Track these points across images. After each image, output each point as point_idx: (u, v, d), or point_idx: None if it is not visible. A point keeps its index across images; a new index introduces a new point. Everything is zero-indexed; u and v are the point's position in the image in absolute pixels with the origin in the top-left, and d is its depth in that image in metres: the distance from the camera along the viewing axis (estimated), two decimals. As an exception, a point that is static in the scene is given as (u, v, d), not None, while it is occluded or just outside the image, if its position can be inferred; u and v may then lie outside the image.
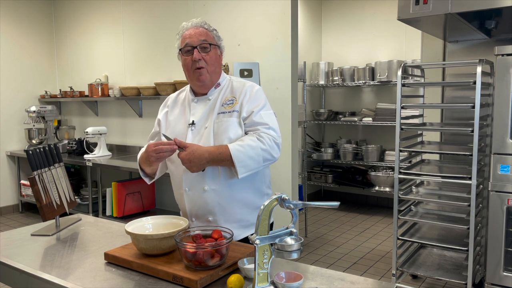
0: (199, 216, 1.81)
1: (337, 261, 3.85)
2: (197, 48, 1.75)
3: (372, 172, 5.35)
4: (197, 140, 1.78)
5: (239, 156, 1.66)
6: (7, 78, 5.37)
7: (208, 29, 1.81)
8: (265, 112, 1.78)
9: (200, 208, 1.79)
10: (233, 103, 1.79)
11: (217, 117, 1.78)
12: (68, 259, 1.62)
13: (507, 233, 2.61)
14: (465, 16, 2.59)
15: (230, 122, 1.75)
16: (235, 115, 1.77)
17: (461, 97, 3.42)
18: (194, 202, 1.80)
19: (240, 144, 1.68)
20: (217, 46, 1.82)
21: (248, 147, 1.68)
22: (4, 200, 5.44)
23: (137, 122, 5.04)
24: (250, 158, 1.68)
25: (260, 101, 1.80)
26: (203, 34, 1.77)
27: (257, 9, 3.82)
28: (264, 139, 1.71)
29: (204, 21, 1.83)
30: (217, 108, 1.80)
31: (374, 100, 5.62)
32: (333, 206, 1.33)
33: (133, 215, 4.33)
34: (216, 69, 1.82)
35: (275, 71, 3.74)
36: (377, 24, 5.55)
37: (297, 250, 1.28)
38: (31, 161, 1.92)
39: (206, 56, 1.76)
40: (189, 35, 1.77)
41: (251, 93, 1.79)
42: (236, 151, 1.65)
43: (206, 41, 1.76)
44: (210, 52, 1.77)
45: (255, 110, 1.76)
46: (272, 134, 1.75)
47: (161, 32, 4.62)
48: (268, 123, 1.76)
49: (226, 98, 1.82)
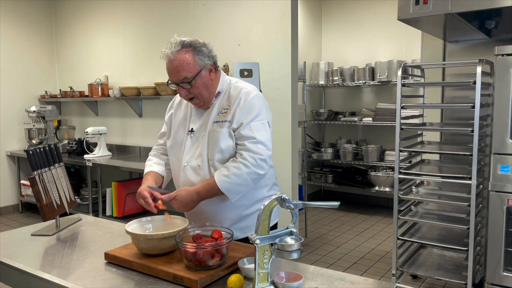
0: (197, 221, 1.84)
1: (337, 261, 3.85)
2: (180, 85, 1.71)
3: (372, 172, 5.35)
4: (194, 148, 1.80)
5: (227, 186, 1.68)
6: (7, 78, 5.37)
7: (188, 52, 1.67)
8: (256, 123, 1.72)
9: (197, 215, 1.82)
10: (226, 112, 1.76)
11: (212, 126, 1.77)
12: (68, 259, 1.62)
13: (507, 233, 2.61)
14: (465, 16, 2.59)
15: (221, 133, 1.74)
16: (226, 125, 1.74)
17: (461, 97, 3.42)
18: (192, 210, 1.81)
19: (225, 175, 1.68)
20: (201, 70, 1.70)
21: (234, 176, 1.68)
22: (4, 200, 5.44)
23: (137, 122, 5.04)
24: (238, 185, 1.69)
25: (253, 110, 1.73)
26: (181, 67, 1.66)
27: (257, 9, 3.82)
28: (247, 161, 1.68)
29: (181, 42, 1.68)
30: (213, 116, 1.78)
31: (374, 100, 5.62)
32: (333, 206, 1.33)
33: (133, 215, 4.33)
34: (207, 91, 1.75)
35: (275, 71, 3.74)
36: (377, 24, 5.55)
37: (297, 250, 1.28)
38: (31, 161, 1.92)
39: (191, 89, 1.71)
40: (168, 71, 1.71)
41: (244, 102, 1.74)
42: (223, 183, 1.68)
43: (186, 78, 1.67)
44: (195, 82, 1.69)
45: (244, 121, 1.71)
46: (257, 150, 1.69)
47: (161, 32, 4.61)
48: (255, 136, 1.70)
49: (222, 106, 1.79)
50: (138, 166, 4.23)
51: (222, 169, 1.71)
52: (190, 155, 1.81)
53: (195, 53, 1.69)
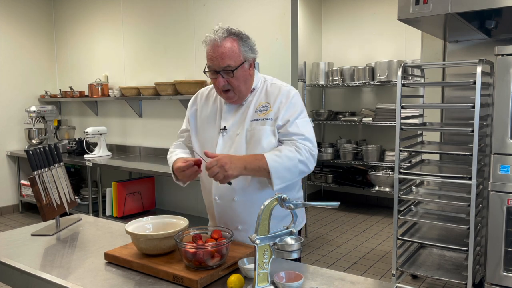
0: (228, 224, 1.73)
1: (337, 261, 3.85)
2: (221, 73, 1.62)
3: (372, 172, 5.35)
4: (228, 147, 1.70)
5: (276, 167, 1.56)
6: (7, 78, 5.37)
7: (235, 41, 1.63)
8: (301, 120, 1.68)
9: (229, 217, 1.73)
10: (267, 110, 1.69)
11: (250, 124, 1.69)
12: (68, 259, 1.62)
13: (507, 233, 2.61)
14: (465, 16, 2.59)
15: (263, 131, 1.66)
16: (268, 123, 1.67)
17: (461, 97, 3.42)
18: (224, 211, 1.74)
19: (277, 155, 1.58)
20: (244, 62, 1.65)
21: (286, 158, 1.58)
22: (4, 200, 5.44)
23: (137, 122, 5.04)
24: (287, 169, 1.59)
25: (297, 108, 1.69)
26: (227, 55, 1.60)
27: (257, 9, 3.82)
28: (301, 150, 1.62)
29: (230, 30, 1.63)
30: (250, 114, 1.70)
31: (374, 100, 5.62)
32: (333, 206, 1.33)
33: (133, 215, 4.33)
34: (245, 85, 1.69)
35: (275, 71, 3.74)
36: (377, 24, 5.55)
37: (297, 250, 1.28)
38: (31, 161, 1.92)
39: (231, 80, 1.63)
40: (211, 56, 1.61)
41: (287, 99, 1.68)
42: (273, 162, 1.56)
43: (229, 67, 1.60)
44: (237, 73, 1.62)
45: (291, 119, 1.66)
46: (308, 145, 1.65)
47: (161, 32, 4.61)
48: (304, 133, 1.66)
49: (260, 103, 1.72)
50: (138, 166, 4.23)
51: (274, 150, 1.62)
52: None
53: (241, 43, 1.65)
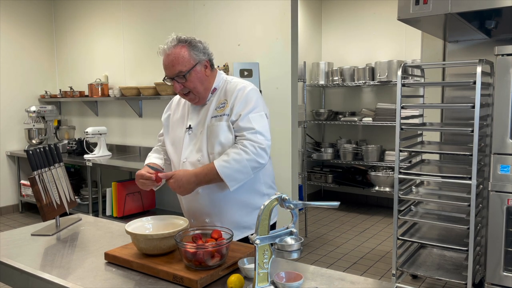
0: (197, 217, 1.85)
1: (337, 261, 3.85)
2: (175, 79, 1.74)
3: (372, 172, 5.35)
4: (193, 144, 1.82)
5: (226, 172, 1.67)
6: (7, 78, 5.37)
7: (184, 47, 1.73)
8: (254, 114, 1.75)
9: (196, 210, 1.83)
10: (224, 107, 1.79)
11: (210, 121, 1.80)
12: (69, 259, 1.62)
13: (507, 233, 2.61)
14: (465, 16, 2.59)
15: (220, 127, 1.76)
16: (225, 119, 1.77)
17: (461, 97, 3.42)
18: (191, 204, 1.84)
19: (225, 160, 1.68)
20: (196, 65, 1.74)
21: (234, 161, 1.68)
22: (4, 200, 5.44)
23: (137, 122, 5.04)
24: (238, 171, 1.68)
25: (250, 102, 1.76)
26: (176, 61, 1.71)
27: (257, 9, 3.82)
28: (247, 148, 1.69)
29: (177, 38, 1.75)
30: (211, 112, 1.81)
31: (374, 100, 5.62)
32: (333, 206, 1.33)
33: (133, 215, 4.33)
34: (203, 85, 1.79)
35: (275, 71, 3.74)
36: (377, 24, 5.55)
37: (297, 250, 1.28)
38: (31, 161, 1.92)
39: (186, 83, 1.74)
40: (164, 65, 1.75)
41: (241, 95, 1.77)
42: (222, 168, 1.67)
43: (181, 72, 1.72)
44: (190, 76, 1.73)
45: (243, 113, 1.74)
46: (257, 140, 1.71)
47: (161, 32, 4.61)
48: (254, 127, 1.72)
49: (219, 101, 1.82)
50: (138, 166, 4.23)
51: (223, 155, 1.72)
52: (188, 151, 1.82)
53: (190, 48, 1.74)
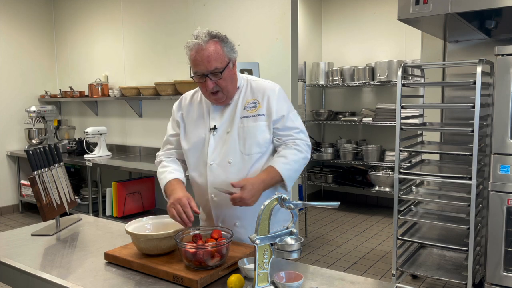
0: (226, 221, 1.76)
1: (337, 261, 3.85)
2: (209, 77, 1.63)
3: (372, 172, 5.35)
4: (220, 145, 1.73)
5: (289, 174, 1.67)
6: (7, 78, 5.37)
7: (217, 43, 1.64)
8: (292, 114, 1.77)
9: (227, 214, 1.75)
10: (256, 107, 1.73)
11: (241, 121, 1.72)
12: (69, 259, 1.62)
13: (507, 233, 2.61)
14: (465, 16, 2.59)
15: (257, 127, 1.71)
16: (261, 119, 1.72)
17: (461, 97, 3.42)
18: (221, 209, 1.75)
19: (285, 162, 1.67)
20: (229, 62, 1.66)
21: (293, 162, 1.68)
22: (4, 200, 5.44)
23: (137, 122, 5.04)
24: (296, 171, 1.71)
25: (286, 102, 1.77)
26: (212, 58, 1.60)
27: (257, 9, 3.82)
28: (300, 147, 1.72)
29: (211, 33, 1.64)
30: (239, 112, 1.74)
31: (374, 100, 5.62)
32: (333, 206, 1.33)
33: (133, 215, 4.32)
34: (232, 85, 1.72)
35: (275, 71, 3.74)
36: (377, 24, 5.55)
37: (297, 250, 1.28)
38: (31, 161, 1.92)
39: (219, 81, 1.65)
40: (197, 61, 1.61)
41: (274, 95, 1.74)
42: (286, 171, 1.66)
43: (217, 69, 1.62)
44: (224, 74, 1.64)
45: (285, 113, 1.73)
46: (303, 138, 1.75)
47: (161, 32, 4.61)
48: (298, 126, 1.76)
49: (247, 101, 1.75)
50: (138, 166, 4.23)
51: (279, 157, 1.69)
52: (216, 153, 1.73)
53: (223, 45, 1.66)
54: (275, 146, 1.77)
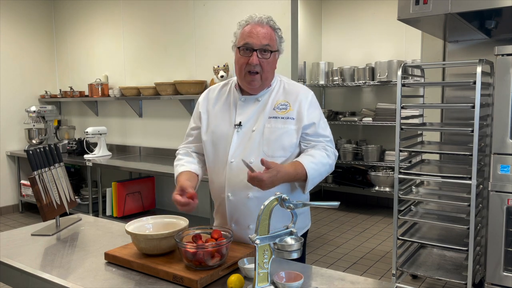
0: (240, 223, 1.70)
1: (337, 261, 3.85)
2: (257, 52, 1.63)
3: (372, 172, 5.35)
4: (244, 143, 1.67)
5: (313, 174, 1.61)
6: (7, 78, 5.37)
7: (274, 28, 1.68)
8: (323, 121, 1.73)
9: (242, 215, 1.69)
10: (287, 109, 1.68)
11: (268, 121, 1.67)
12: (69, 259, 1.62)
13: (507, 233, 2.61)
14: (465, 16, 2.59)
15: (285, 130, 1.66)
16: (291, 122, 1.66)
17: (461, 97, 3.42)
18: (236, 209, 1.69)
19: (314, 162, 1.61)
20: (277, 51, 1.69)
21: (321, 165, 1.63)
22: (4, 200, 5.44)
23: (137, 122, 5.04)
24: (320, 175, 1.65)
25: (318, 109, 1.74)
26: (268, 36, 1.64)
27: (257, 9, 3.82)
28: (330, 153, 1.68)
29: (271, 17, 1.70)
30: (267, 111, 1.69)
31: (374, 100, 5.62)
32: (333, 206, 1.33)
33: (133, 215, 4.33)
34: (270, 74, 1.71)
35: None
36: (377, 24, 5.55)
37: (297, 250, 1.28)
38: (31, 161, 1.92)
39: (264, 62, 1.64)
40: (252, 33, 1.63)
41: (307, 100, 1.70)
42: (312, 170, 1.59)
43: (269, 46, 1.63)
44: (271, 57, 1.65)
45: (316, 120, 1.69)
46: (332, 147, 1.72)
47: (161, 32, 4.61)
48: (329, 135, 1.73)
49: (278, 101, 1.71)
50: (138, 166, 4.23)
51: (307, 156, 1.63)
52: (239, 150, 1.66)
53: (277, 35, 1.70)
54: (302, 150, 1.70)
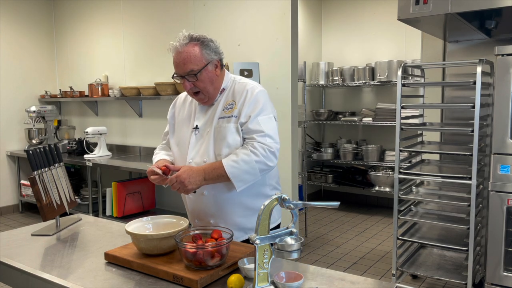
0: (201, 218, 1.84)
1: (337, 261, 3.85)
2: (186, 78, 1.70)
3: (372, 172, 5.35)
4: (199, 145, 1.79)
5: (234, 172, 1.66)
6: (7, 78, 5.37)
7: (196, 45, 1.69)
8: (263, 117, 1.74)
9: (201, 211, 1.82)
10: (232, 108, 1.76)
11: (218, 122, 1.77)
12: (69, 259, 1.62)
13: (507, 233, 2.61)
14: (465, 16, 2.59)
15: (228, 128, 1.74)
16: (233, 121, 1.74)
17: (461, 97, 3.42)
18: (196, 205, 1.83)
19: (234, 160, 1.67)
20: (208, 64, 1.71)
21: (242, 162, 1.66)
22: (4, 200, 5.44)
23: (137, 122, 5.04)
24: (246, 172, 1.67)
25: (259, 104, 1.74)
26: (188, 60, 1.67)
27: (257, 9, 3.82)
28: (257, 150, 1.68)
29: (191, 35, 1.70)
30: (218, 113, 1.78)
31: (374, 100, 5.62)
32: (333, 206, 1.33)
33: (133, 215, 4.32)
34: (213, 85, 1.75)
35: (275, 71, 3.74)
36: (377, 24, 5.55)
37: (297, 250, 1.28)
38: (31, 161, 1.92)
39: (197, 82, 1.71)
40: (175, 62, 1.71)
41: (250, 97, 1.74)
42: (231, 168, 1.65)
43: (192, 71, 1.68)
44: (201, 76, 1.70)
45: (252, 115, 1.72)
46: (266, 143, 1.71)
47: (161, 32, 4.61)
48: (264, 130, 1.72)
49: (227, 102, 1.79)
50: (138, 166, 4.23)
51: (231, 155, 1.70)
52: (195, 151, 1.79)
53: (202, 47, 1.71)
54: None
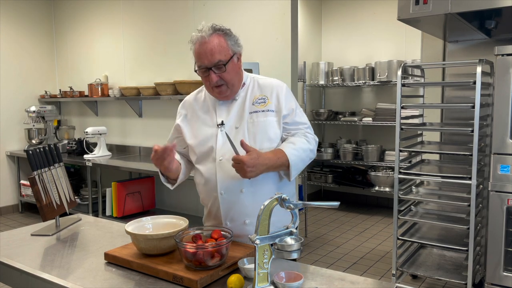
0: (235, 219, 1.72)
1: (337, 261, 3.85)
2: (212, 70, 1.63)
3: (372, 172, 5.35)
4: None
5: (295, 160, 1.64)
6: (7, 78, 5.37)
7: (221, 36, 1.64)
8: (299, 110, 1.78)
9: (236, 211, 1.71)
10: (265, 102, 1.73)
11: (250, 116, 1.72)
12: (68, 259, 1.62)
13: (507, 233, 2.61)
14: (465, 16, 2.59)
15: (267, 122, 1.70)
16: (271, 115, 1.71)
17: (461, 97, 3.42)
18: (230, 206, 1.71)
19: (294, 148, 1.65)
20: (233, 55, 1.66)
21: (301, 150, 1.66)
22: (4, 200, 5.44)
23: (137, 122, 5.04)
24: (302, 160, 1.68)
25: (293, 98, 1.79)
26: (216, 50, 1.61)
27: (257, 9, 3.82)
28: (309, 139, 1.72)
29: (214, 26, 1.64)
30: (247, 107, 1.73)
31: (374, 100, 5.62)
32: (333, 206, 1.33)
33: (133, 215, 4.32)
34: (236, 78, 1.70)
35: (275, 71, 3.74)
36: (377, 24, 5.55)
37: (297, 250, 1.28)
38: (31, 161, 1.92)
39: (223, 74, 1.64)
40: (201, 54, 1.62)
41: (282, 91, 1.76)
42: (293, 156, 1.63)
43: (220, 61, 1.61)
44: (228, 67, 1.63)
45: (294, 108, 1.75)
46: (312, 133, 1.77)
47: (161, 32, 4.61)
48: (306, 122, 1.77)
49: (255, 96, 1.75)
50: (138, 166, 4.23)
51: (287, 144, 1.68)
52: (225, 148, 1.67)
53: (227, 38, 1.66)
54: (283, 140, 1.74)
